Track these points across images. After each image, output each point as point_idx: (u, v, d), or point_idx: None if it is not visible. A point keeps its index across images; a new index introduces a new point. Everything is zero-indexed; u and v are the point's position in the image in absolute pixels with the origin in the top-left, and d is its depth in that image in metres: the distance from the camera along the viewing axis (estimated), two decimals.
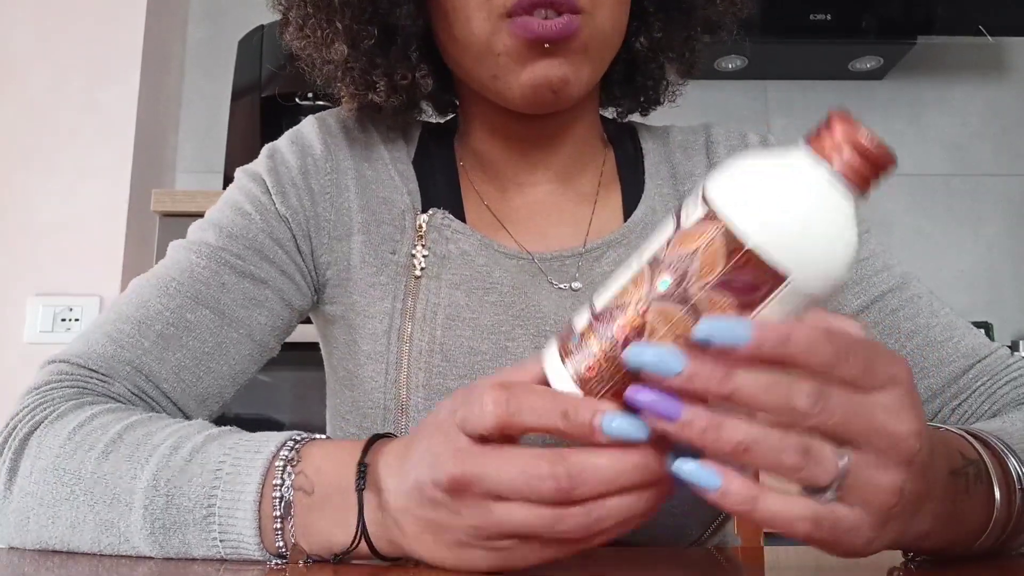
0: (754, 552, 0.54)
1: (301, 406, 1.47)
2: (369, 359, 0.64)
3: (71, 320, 1.61)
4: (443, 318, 0.63)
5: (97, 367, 0.57)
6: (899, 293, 0.66)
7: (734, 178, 0.35)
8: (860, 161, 0.34)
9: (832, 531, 0.35)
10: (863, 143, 0.34)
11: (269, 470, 0.45)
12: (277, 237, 0.65)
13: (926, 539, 0.42)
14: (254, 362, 0.64)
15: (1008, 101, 2.07)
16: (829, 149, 0.34)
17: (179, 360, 0.59)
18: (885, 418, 0.35)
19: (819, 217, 0.34)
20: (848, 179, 0.34)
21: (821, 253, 0.34)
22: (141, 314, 0.59)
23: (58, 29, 1.74)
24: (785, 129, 2.05)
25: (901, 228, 2.01)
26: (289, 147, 0.68)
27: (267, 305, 0.64)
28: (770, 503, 0.35)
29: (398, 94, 0.66)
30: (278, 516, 0.44)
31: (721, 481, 0.35)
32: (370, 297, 0.65)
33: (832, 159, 0.34)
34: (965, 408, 0.63)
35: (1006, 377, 0.63)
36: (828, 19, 1.82)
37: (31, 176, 1.68)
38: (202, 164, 1.97)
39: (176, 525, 0.46)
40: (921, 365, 0.64)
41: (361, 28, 0.63)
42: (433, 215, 0.66)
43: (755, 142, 0.73)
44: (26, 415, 0.53)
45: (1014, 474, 0.46)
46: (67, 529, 0.48)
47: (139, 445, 0.49)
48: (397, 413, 0.62)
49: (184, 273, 0.62)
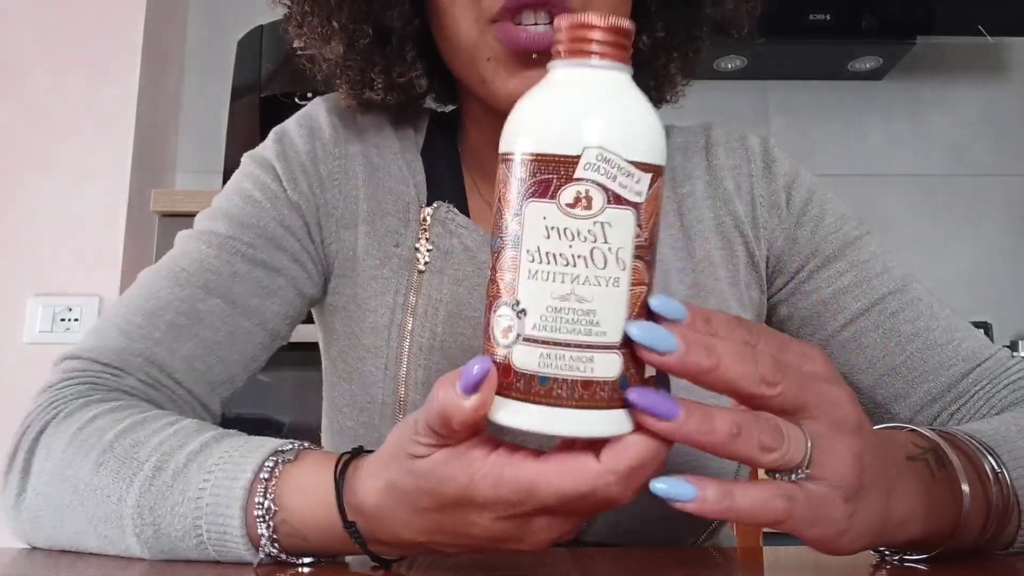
0: (754, 552, 0.54)
1: (301, 406, 1.47)
2: (369, 353, 0.63)
3: (71, 320, 1.61)
4: (444, 314, 0.63)
5: (109, 361, 0.57)
6: (899, 296, 0.66)
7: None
8: (569, 42, 0.37)
9: (807, 505, 0.37)
10: (560, 27, 0.37)
11: (249, 497, 0.46)
12: (288, 224, 0.64)
13: (907, 527, 0.43)
14: (265, 350, 0.64)
15: (1008, 101, 2.07)
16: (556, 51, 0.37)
17: (190, 350, 0.59)
18: (822, 384, 0.37)
19: (541, 96, 0.37)
20: (560, 57, 0.37)
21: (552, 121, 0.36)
22: (151, 305, 0.59)
23: (58, 29, 1.74)
24: (785, 129, 2.05)
25: (901, 228, 2.01)
26: (297, 130, 0.67)
27: (279, 293, 0.63)
28: (744, 493, 0.36)
29: (395, 92, 0.66)
30: (262, 520, 0.45)
31: (696, 489, 0.36)
32: (372, 290, 0.65)
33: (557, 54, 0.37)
34: (964, 412, 0.63)
35: (1005, 380, 0.63)
36: (827, 19, 1.82)
37: (31, 176, 1.68)
38: (202, 164, 1.97)
39: (173, 551, 0.47)
40: (921, 369, 0.64)
41: (357, 27, 0.63)
42: (437, 208, 0.66)
43: (755, 144, 0.72)
44: (38, 414, 0.54)
45: (988, 469, 0.47)
46: (73, 535, 0.50)
47: (126, 459, 0.49)
48: (394, 408, 0.62)
49: (194, 263, 0.61)
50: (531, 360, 0.35)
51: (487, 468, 0.37)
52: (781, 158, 0.72)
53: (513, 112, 0.38)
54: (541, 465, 0.36)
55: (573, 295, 0.35)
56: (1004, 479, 0.47)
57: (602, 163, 0.35)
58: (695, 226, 0.69)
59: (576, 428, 0.35)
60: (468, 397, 0.36)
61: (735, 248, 0.69)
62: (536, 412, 0.35)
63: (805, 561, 0.53)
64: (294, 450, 0.48)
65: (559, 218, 0.35)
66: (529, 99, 0.38)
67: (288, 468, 0.47)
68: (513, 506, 0.37)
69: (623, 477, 0.35)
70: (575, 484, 0.36)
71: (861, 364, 0.66)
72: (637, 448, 0.36)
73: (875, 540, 0.41)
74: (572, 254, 0.35)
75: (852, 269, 0.67)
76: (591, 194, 0.35)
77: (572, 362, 0.35)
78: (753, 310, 0.70)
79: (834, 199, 0.71)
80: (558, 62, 0.37)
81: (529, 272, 0.35)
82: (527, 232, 0.35)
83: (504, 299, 0.36)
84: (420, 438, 0.38)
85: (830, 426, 0.37)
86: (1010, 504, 0.47)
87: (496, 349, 0.36)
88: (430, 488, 0.39)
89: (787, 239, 0.69)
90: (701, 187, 0.71)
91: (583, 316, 0.35)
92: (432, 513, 0.40)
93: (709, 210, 0.70)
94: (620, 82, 0.37)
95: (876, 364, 0.65)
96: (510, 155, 0.37)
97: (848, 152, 2.05)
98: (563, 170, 0.35)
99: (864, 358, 0.66)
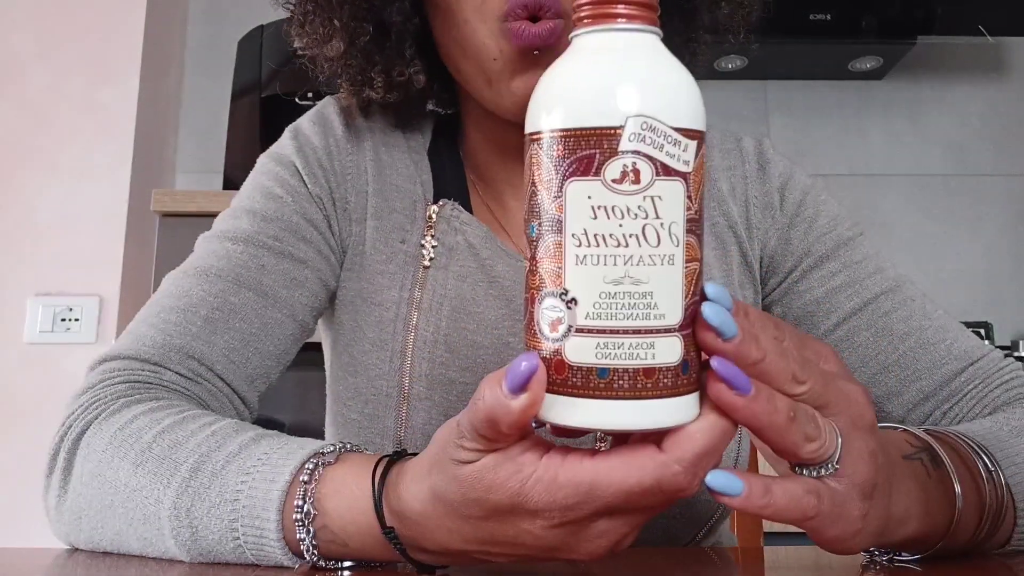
0: (754, 552, 0.54)
1: (301, 406, 1.47)
2: (374, 346, 0.64)
3: (71, 320, 1.61)
4: (448, 310, 0.63)
5: (148, 357, 0.57)
6: (892, 296, 0.66)
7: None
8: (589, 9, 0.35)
9: (831, 503, 0.37)
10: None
11: (287, 500, 0.45)
12: (311, 218, 0.65)
13: (905, 526, 0.43)
14: (296, 342, 0.65)
15: (1008, 101, 2.07)
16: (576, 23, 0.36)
17: (228, 342, 0.60)
18: (841, 382, 0.38)
19: (572, 70, 0.35)
20: (585, 25, 0.35)
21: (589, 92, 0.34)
22: (184, 303, 0.59)
23: (58, 29, 1.74)
24: (785, 129, 2.05)
25: (901, 228, 2.01)
26: (312, 127, 0.68)
27: (307, 285, 0.64)
28: (782, 490, 0.36)
29: (395, 91, 0.66)
30: (301, 525, 0.44)
31: (745, 485, 0.36)
32: (378, 285, 0.65)
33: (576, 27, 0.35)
34: (956, 411, 0.63)
35: (998, 380, 0.63)
36: (828, 19, 1.82)
37: (31, 176, 1.68)
38: (202, 164, 1.97)
39: (211, 553, 0.47)
40: (914, 367, 0.64)
41: (357, 25, 0.63)
42: (443, 206, 0.67)
43: (750, 146, 0.73)
44: (80, 414, 0.54)
45: (981, 469, 0.47)
46: (114, 536, 0.50)
47: (164, 459, 0.49)
48: (399, 400, 0.63)
49: (222, 260, 0.62)
50: (587, 352, 0.33)
51: (539, 472, 0.35)
52: (775, 159, 0.72)
53: (539, 87, 0.35)
54: (599, 463, 0.35)
55: (627, 277, 0.32)
56: (998, 479, 0.48)
57: (648, 132, 0.32)
58: None
59: (642, 420, 0.33)
60: (516, 397, 0.34)
61: (729, 249, 0.69)
62: (596, 407, 0.33)
63: (805, 561, 0.53)
64: (335, 452, 0.47)
65: (605, 196, 0.32)
66: (556, 71, 0.35)
67: (329, 471, 0.45)
68: (570, 510, 0.35)
69: (690, 465, 0.34)
70: (639, 478, 0.34)
71: (854, 363, 0.66)
72: (705, 434, 0.34)
73: (877, 539, 0.41)
74: (623, 233, 0.32)
75: (845, 269, 0.68)
76: (638, 167, 0.32)
77: (632, 349, 0.32)
78: None
79: (828, 200, 0.71)
80: (582, 30, 0.35)
81: (577, 258, 0.33)
82: (570, 215, 0.33)
83: (549, 289, 0.33)
84: (465, 442, 0.36)
85: (849, 424, 0.38)
86: (1004, 504, 0.47)
87: (543, 344, 0.34)
88: (477, 497, 0.37)
89: (780, 239, 0.70)
90: None
91: (640, 299, 0.32)
92: (480, 522, 0.38)
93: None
94: (654, 45, 0.34)
95: (869, 362, 0.66)
96: (538, 134, 0.34)
97: (848, 152, 2.05)
98: (606, 144, 0.32)
99: (857, 357, 0.66)
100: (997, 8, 1.86)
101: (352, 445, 0.48)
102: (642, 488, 0.34)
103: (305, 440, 0.48)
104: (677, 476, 0.34)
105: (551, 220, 0.33)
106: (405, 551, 0.42)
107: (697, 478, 0.35)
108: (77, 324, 1.61)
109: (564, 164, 0.33)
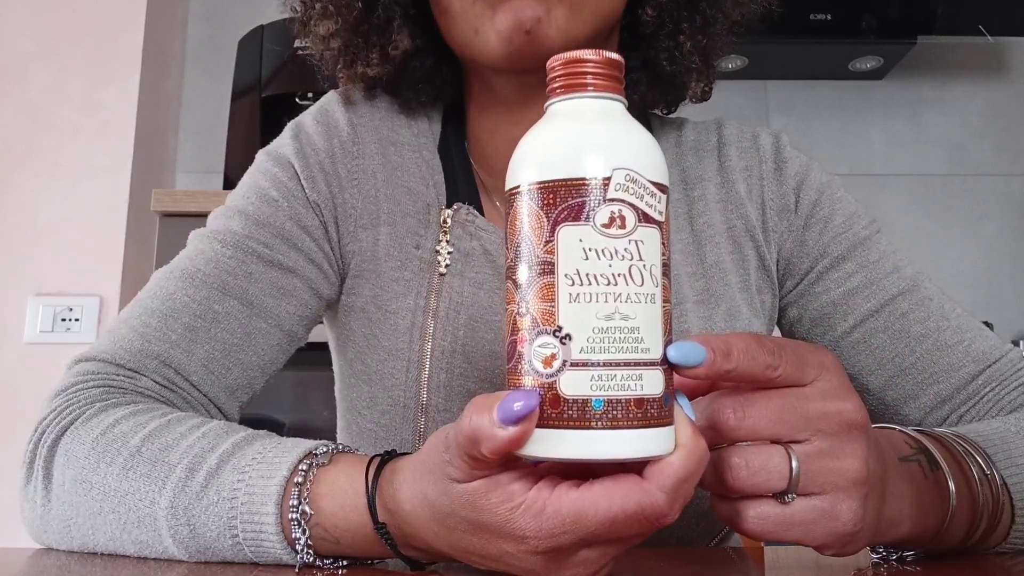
0: (754, 552, 0.54)
1: (301, 406, 1.47)
2: (390, 355, 0.63)
3: (71, 320, 1.61)
4: (465, 318, 0.63)
5: (124, 362, 0.57)
6: (909, 296, 0.66)
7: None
8: (562, 80, 0.38)
9: (813, 525, 0.38)
10: (553, 67, 0.38)
11: (284, 498, 0.45)
12: (305, 224, 0.64)
13: (896, 527, 0.43)
14: (283, 352, 0.63)
15: (1008, 101, 2.07)
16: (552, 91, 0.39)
17: (207, 352, 0.59)
18: (826, 402, 0.39)
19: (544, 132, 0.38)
20: (561, 94, 0.38)
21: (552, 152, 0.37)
22: (167, 307, 0.59)
23: (58, 29, 1.74)
24: (785, 129, 2.05)
25: (901, 228, 2.01)
26: (315, 127, 0.67)
27: (296, 294, 0.62)
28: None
29: (389, 63, 0.65)
30: (297, 525, 0.45)
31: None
32: (392, 292, 0.64)
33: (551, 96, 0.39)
34: (974, 414, 0.63)
35: (1015, 382, 0.63)
36: (828, 19, 1.82)
37: (31, 176, 1.68)
38: (202, 164, 1.97)
39: (209, 551, 0.47)
40: (931, 370, 0.64)
41: (348, 2, 0.64)
42: (458, 210, 0.65)
43: (767, 143, 0.72)
44: (53, 420, 0.53)
45: (974, 470, 0.47)
46: (108, 541, 0.49)
47: (156, 462, 0.48)
48: (417, 412, 0.62)
49: (210, 263, 0.60)
50: (582, 385, 0.34)
51: (528, 501, 0.36)
52: (792, 158, 0.71)
53: (520, 147, 0.38)
54: (585, 493, 0.36)
55: (617, 313, 0.35)
56: (994, 479, 0.48)
57: (630, 183, 0.36)
58: (705, 231, 0.69)
59: (636, 449, 0.35)
60: (506, 428, 0.34)
61: (746, 252, 0.69)
62: (592, 438, 0.34)
63: (805, 561, 0.53)
64: (328, 453, 0.47)
65: (596, 239, 0.35)
66: (536, 133, 0.38)
67: (322, 472, 0.46)
68: (555, 538, 0.36)
69: (671, 492, 0.35)
70: (623, 505, 0.35)
71: (871, 365, 0.66)
72: (684, 461, 0.35)
73: (869, 541, 0.42)
74: (612, 273, 0.35)
75: (861, 270, 0.67)
76: (623, 213, 0.35)
77: (623, 381, 0.35)
78: (764, 314, 0.69)
79: (844, 198, 0.71)
80: (556, 99, 0.38)
81: (570, 296, 0.35)
82: (562, 257, 0.35)
83: (541, 328, 0.35)
84: (455, 460, 0.37)
85: (830, 442, 0.39)
86: (1000, 504, 0.47)
87: (535, 381, 0.35)
88: (467, 516, 0.38)
89: (796, 241, 0.69)
90: (712, 190, 0.70)
91: (629, 334, 0.35)
92: (465, 535, 0.39)
93: (720, 214, 0.69)
94: (621, 111, 0.38)
95: (886, 366, 0.65)
96: (518, 188, 0.37)
97: (848, 152, 2.05)
98: (595, 192, 0.35)
99: (874, 360, 0.65)
100: (997, 8, 1.85)
101: (344, 446, 0.49)
102: (626, 515, 0.35)
103: (298, 440, 0.48)
104: (658, 503, 0.35)
105: (540, 263, 0.36)
106: (396, 546, 0.43)
107: (677, 503, 0.36)
108: (77, 324, 1.61)
109: (555, 211, 0.36)
